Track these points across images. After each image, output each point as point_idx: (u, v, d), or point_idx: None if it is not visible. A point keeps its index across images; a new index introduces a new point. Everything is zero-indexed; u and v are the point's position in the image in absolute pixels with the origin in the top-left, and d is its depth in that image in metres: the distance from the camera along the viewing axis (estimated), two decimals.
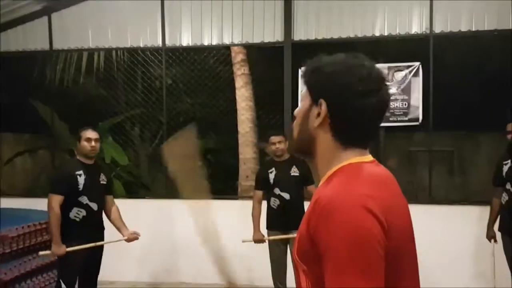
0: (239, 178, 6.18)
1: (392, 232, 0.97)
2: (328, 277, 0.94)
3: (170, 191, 5.82)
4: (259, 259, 5.01)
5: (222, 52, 6.51)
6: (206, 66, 6.72)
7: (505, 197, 3.71)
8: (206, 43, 5.52)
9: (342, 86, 1.08)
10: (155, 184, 7.10)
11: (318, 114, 1.09)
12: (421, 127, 5.09)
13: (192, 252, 5.29)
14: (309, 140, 1.13)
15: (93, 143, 3.51)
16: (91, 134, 3.53)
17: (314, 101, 1.11)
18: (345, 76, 1.08)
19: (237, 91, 6.42)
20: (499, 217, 3.83)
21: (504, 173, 3.72)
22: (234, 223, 5.24)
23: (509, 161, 3.70)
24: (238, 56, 6.44)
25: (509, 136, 3.72)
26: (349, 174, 1.05)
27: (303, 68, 1.22)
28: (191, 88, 6.99)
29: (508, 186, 3.68)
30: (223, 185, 6.36)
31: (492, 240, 3.85)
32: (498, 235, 3.83)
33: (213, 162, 6.85)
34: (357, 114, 1.07)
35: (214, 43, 5.54)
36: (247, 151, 6.14)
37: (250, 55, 6.45)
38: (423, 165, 8.63)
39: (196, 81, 6.87)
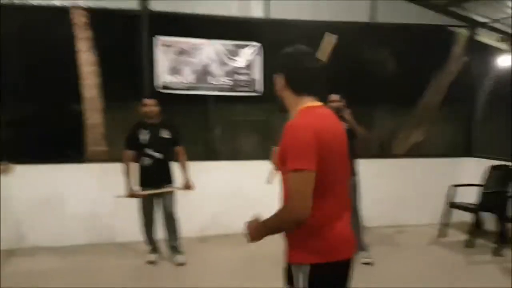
0: (86, 143, 6.11)
1: (324, 143, 1.70)
2: (287, 164, 1.68)
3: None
4: (119, 216, 5.28)
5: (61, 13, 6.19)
6: (39, 23, 6.27)
7: None
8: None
9: (290, 61, 1.88)
10: None
11: (281, 82, 1.88)
12: (263, 98, 5.99)
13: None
14: (282, 99, 1.92)
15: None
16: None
17: (278, 75, 1.89)
18: (290, 56, 1.89)
19: (80, 55, 6.25)
20: None
21: None
22: (87, 186, 5.35)
23: None
24: (80, 19, 6.25)
25: (333, 105, 4.62)
26: (304, 113, 1.81)
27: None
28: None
29: None
30: (65, 150, 6.18)
31: None
32: None
33: (50, 128, 6.49)
34: (300, 75, 1.85)
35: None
36: (94, 117, 6.10)
37: (94, 20, 6.31)
38: (243, 132, 9.82)
39: (27, 37, 6.33)
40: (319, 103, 1.85)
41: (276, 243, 2.04)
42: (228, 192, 5.70)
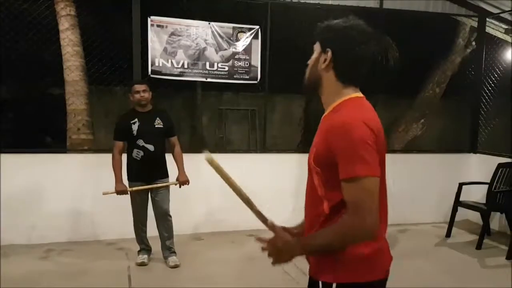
0: (68, 131, 5.61)
1: (380, 143, 1.44)
2: (342, 170, 1.37)
3: None
4: (103, 212, 4.84)
5: None
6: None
7: None
8: None
9: (346, 39, 1.47)
10: None
11: (325, 60, 1.49)
12: (259, 86, 5.58)
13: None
14: (317, 79, 1.54)
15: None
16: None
17: (323, 50, 1.51)
18: (349, 31, 1.48)
19: (61, 34, 5.72)
20: None
21: None
22: (69, 178, 4.88)
23: None
24: None
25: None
26: (353, 106, 1.47)
27: (320, 26, 1.54)
28: None
29: None
30: (44, 139, 5.67)
31: None
32: None
33: (27, 114, 5.94)
34: (354, 59, 1.48)
35: None
36: (78, 102, 5.60)
37: None
38: (230, 121, 9.37)
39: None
40: (360, 93, 1.54)
41: None
42: (221, 187, 5.28)
